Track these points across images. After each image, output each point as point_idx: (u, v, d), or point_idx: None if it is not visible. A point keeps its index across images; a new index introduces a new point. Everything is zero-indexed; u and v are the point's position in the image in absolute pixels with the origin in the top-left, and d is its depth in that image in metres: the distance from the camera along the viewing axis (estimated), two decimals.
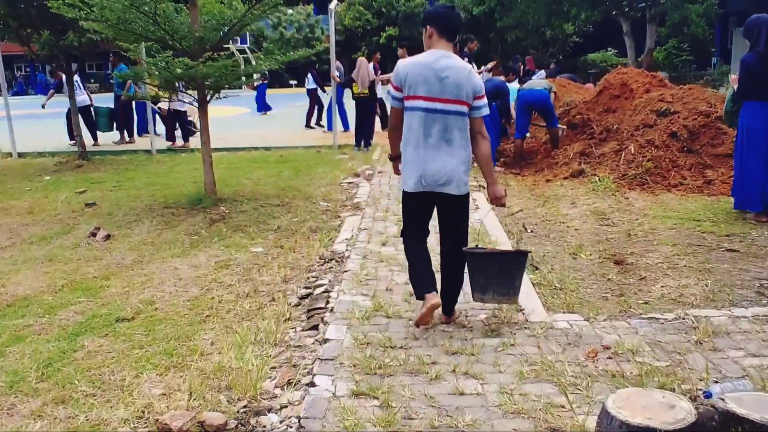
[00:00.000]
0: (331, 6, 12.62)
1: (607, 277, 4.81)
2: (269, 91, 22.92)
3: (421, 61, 3.76)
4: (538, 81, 9.82)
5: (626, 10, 20.73)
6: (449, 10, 3.90)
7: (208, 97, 7.67)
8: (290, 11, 49.59)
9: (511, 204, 7.32)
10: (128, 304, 4.59)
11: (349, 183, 8.99)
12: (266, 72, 13.46)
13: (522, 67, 17.26)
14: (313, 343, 3.79)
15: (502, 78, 10.81)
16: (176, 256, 5.76)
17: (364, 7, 47.40)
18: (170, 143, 13.45)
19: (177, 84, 7.54)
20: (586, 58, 28.99)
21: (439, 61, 3.72)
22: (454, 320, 3.99)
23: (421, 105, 3.72)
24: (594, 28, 29.28)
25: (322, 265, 5.36)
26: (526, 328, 3.85)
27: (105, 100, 15.27)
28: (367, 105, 11.96)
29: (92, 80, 45.14)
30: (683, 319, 3.91)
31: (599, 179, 7.89)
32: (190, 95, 7.87)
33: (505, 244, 5.63)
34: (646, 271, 4.89)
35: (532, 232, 6.16)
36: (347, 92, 13.08)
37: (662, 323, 3.87)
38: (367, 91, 11.79)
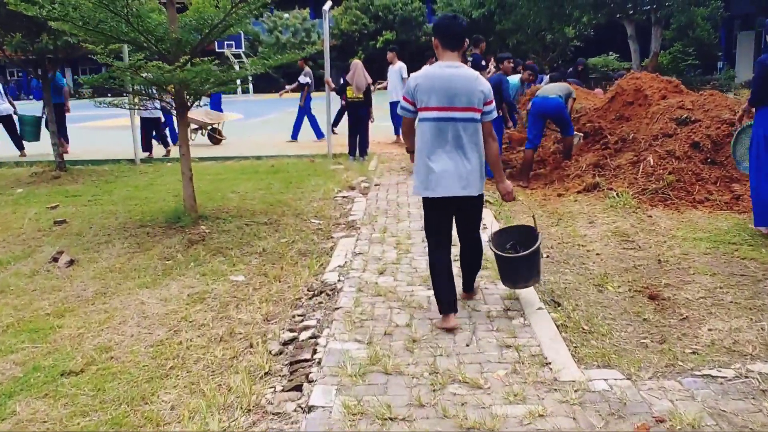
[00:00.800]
0: (325, 7, 11.95)
1: (643, 317, 4.12)
2: (264, 96, 22.16)
3: (430, 73, 3.89)
4: (551, 87, 9.09)
5: (630, 12, 20.08)
6: (449, 20, 4.01)
7: (189, 104, 6.96)
8: (286, 15, 49.03)
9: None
10: (80, 350, 3.88)
11: (344, 197, 8.30)
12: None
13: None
14: (294, 410, 3.09)
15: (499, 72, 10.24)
16: (145, 287, 5.05)
17: (361, 11, 46.84)
18: (147, 153, 12.72)
19: (150, 90, 6.82)
20: (586, 62, 28.31)
21: (446, 71, 3.86)
22: (473, 296, 4.42)
23: (433, 115, 3.85)
24: (595, 32, 28.68)
25: (311, 298, 4.66)
26: (555, 389, 3.15)
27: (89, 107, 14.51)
28: (361, 111, 11.24)
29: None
30: (746, 377, 3.22)
31: (617, 194, 7.20)
32: (168, 102, 7.15)
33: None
34: (687, 309, 4.20)
35: (548, 257, 5.47)
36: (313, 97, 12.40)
37: (722, 383, 3.18)
38: (362, 96, 11.09)
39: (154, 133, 12.93)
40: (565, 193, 7.84)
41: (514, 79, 11.12)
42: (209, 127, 14.46)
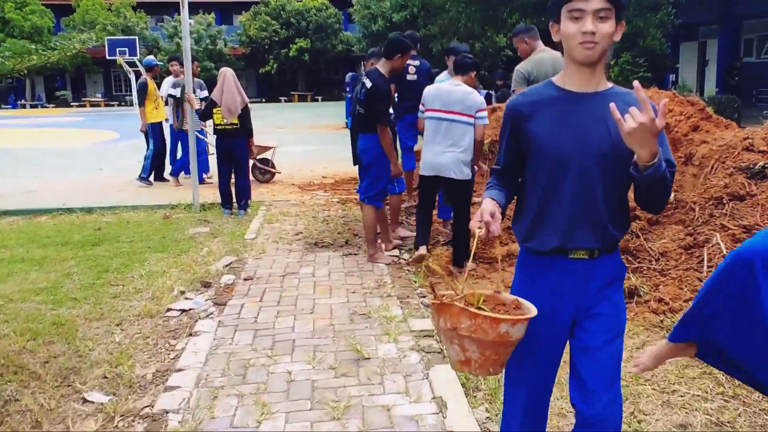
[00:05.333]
0: None
1: None
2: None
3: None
4: None
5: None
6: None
7: None
8: (190, 21, 44.61)
9: None
10: None
11: (182, 312, 4.58)
12: None
13: None
14: None
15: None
16: None
17: (272, 17, 43.02)
18: None
19: None
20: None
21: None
22: (461, 271, 4.95)
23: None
24: None
25: None
26: None
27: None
28: (237, 143, 7.49)
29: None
30: None
31: None
32: None
33: None
34: None
35: None
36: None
37: None
38: (236, 122, 7.35)
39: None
40: None
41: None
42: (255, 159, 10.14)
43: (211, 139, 9.91)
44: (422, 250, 5.39)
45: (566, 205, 2.03)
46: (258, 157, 9.97)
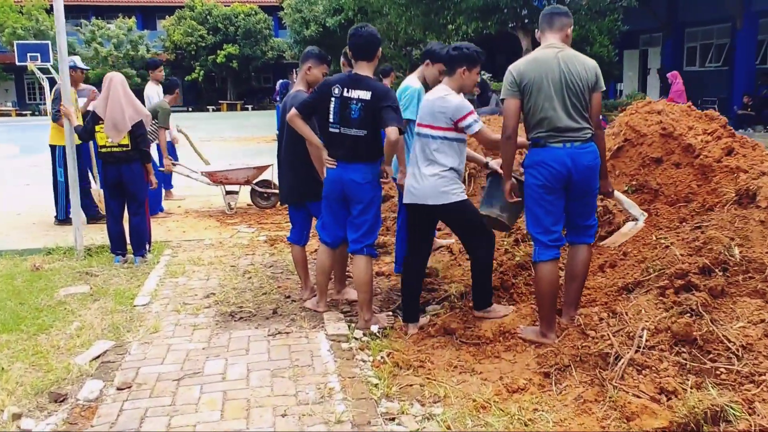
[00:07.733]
0: None
1: None
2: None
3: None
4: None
5: (526, 21, 16.03)
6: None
7: None
8: (110, 25, 41.87)
9: None
10: None
11: None
12: None
13: None
14: None
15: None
16: None
17: (198, 22, 40.74)
18: None
19: None
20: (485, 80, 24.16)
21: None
22: (484, 316, 4.14)
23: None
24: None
25: None
26: None
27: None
28: (128, 171, 5.69)
29: None
30: None
31: None
32: None
33: None
34: None
35: None
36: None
37: None
38: (127, 143, 5.57)
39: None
40: None
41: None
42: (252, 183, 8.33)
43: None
44: (412, 329, 4.18)
45: None
46: (255, 181, 8.23)
